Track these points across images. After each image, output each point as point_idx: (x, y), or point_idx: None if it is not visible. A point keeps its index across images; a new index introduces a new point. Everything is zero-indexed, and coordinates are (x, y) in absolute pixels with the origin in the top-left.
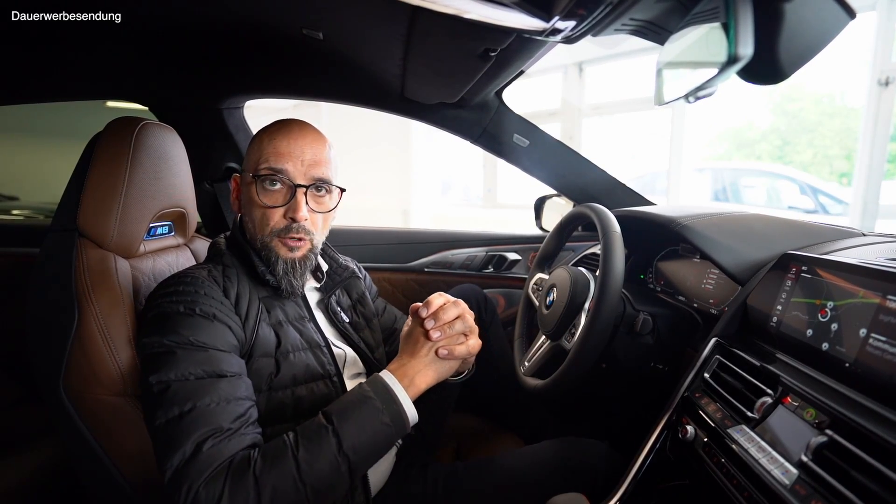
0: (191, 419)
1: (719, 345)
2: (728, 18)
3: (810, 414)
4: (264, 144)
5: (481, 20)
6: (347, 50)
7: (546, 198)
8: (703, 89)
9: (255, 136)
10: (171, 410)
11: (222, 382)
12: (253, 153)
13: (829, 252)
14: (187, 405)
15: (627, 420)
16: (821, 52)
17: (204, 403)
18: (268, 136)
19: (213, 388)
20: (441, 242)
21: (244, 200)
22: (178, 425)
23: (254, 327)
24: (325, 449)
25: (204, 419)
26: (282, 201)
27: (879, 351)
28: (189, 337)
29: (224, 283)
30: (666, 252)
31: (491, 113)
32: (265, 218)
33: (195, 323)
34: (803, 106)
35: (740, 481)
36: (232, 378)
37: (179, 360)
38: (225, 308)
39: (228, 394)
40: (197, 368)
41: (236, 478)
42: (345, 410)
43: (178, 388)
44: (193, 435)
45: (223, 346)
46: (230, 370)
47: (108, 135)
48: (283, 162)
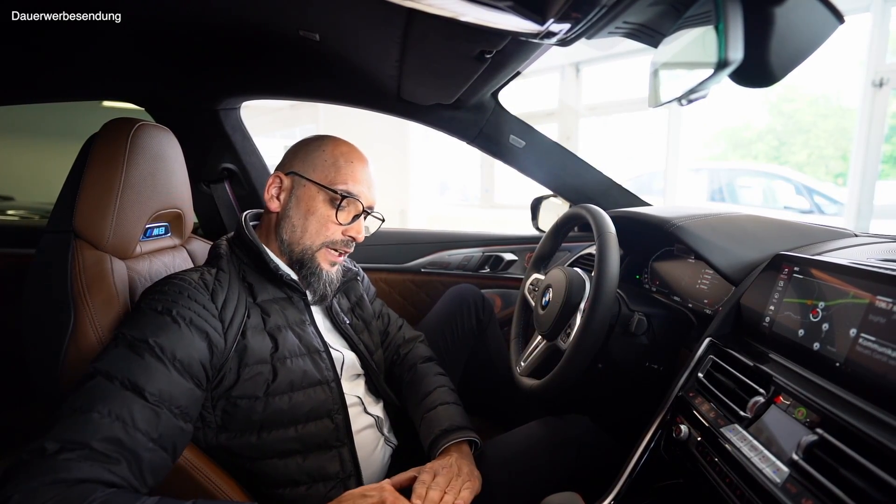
0: (83, 421)
1: (713, 345)
2: (719, 22)
3: (801, 413)
4: (341, 164)
5: (477, 23)
6: (344, 51)
7: (542, 198)
8: (696, 92)
9: (320, 146)
10: (79, 400)
11: (136, 404)
12: (326, 165)
13: (821, 252)
14: (97, 405)
15: (622, 419)
16: (811, 55)
17: (102, 412)
18: (343, 156)
19: (122, 403)
20: (438, 243)
21: (299, 203)
22: (69, 420)
23: (237, 334)
24: None
25: (93, 430)
26: (347, 220)
27: (869, 351)
28: (149, 337)
29: (214, 286)
30: (661, 252)
31: (487, 114)
32: (324, 229)
33: (163, 324)
34: (799, 107)
35: (733, 480)
36: (149, 406)
37: (121, 356)
38: (205, 313)
39: (130, 418)
40: (129, 374)
41: None
42: None
43: (96, 385)
44: (66, 434)
45: (182, 355)
46: (155, 395)
47: (104, 135)
48: (360, 188)
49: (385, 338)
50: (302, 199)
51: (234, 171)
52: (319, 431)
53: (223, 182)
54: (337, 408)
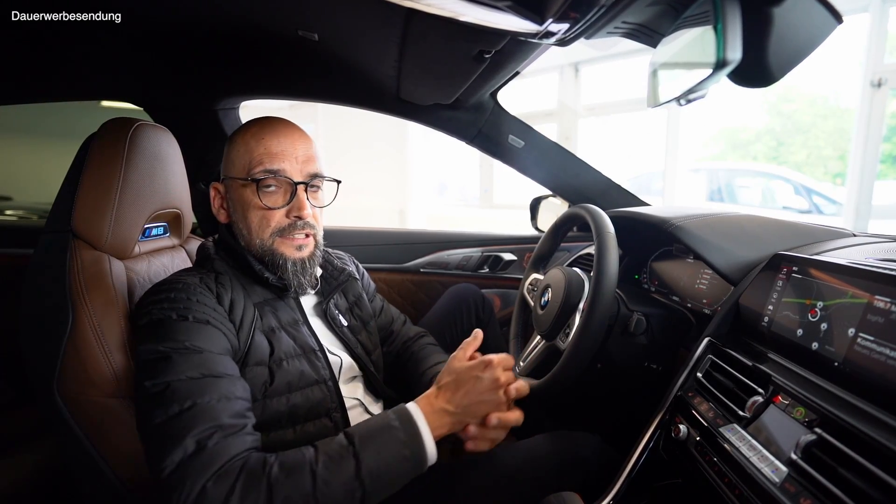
0: (191, 416)
1: (712, 344)
2: (717, 22)
3: (800, 412)
4: (252, 146)
5: (476, 23)
6: (343, 51)
7: (541, 198)
8: (695, 92)
9: (233, 137)
10: (171, 408)
11: (221, 381)
12: (239, 156)
13: (819, 252)
14: (187, 402)
15: (622, 419)
16: (809, 55)
17: (204, 401)
18: (253, 137)
19: (213, 387)
20: (437, 243)
21: (235, 206)
22: (177, 422)
23: (248, 335)
24: (344, 470)
25: (205, 416)
26: (283, 202)
27: (867, 350)
28: (185, 342)
29: (217, 289)
30: (660, 252)
31: (486, 114)
32: (265, 220)
33: (190, 328)
34: (798, 107)
35: (732, 480)
36: (231, 377)
37: (176, 364)
38: (218, 315)
39: (228, 392)
40: (194, 371)
41: (250, 479)
42: (367, 435)
43: (177, 387)
44: (194, 431)
45: (218, 349)
46: (227, 371)
47: (102, 135)
48: (278, 162)
49: (389, 335)
50: (235, 199)
51: None
52: (319, 431)
53: None
54: (335, 406)
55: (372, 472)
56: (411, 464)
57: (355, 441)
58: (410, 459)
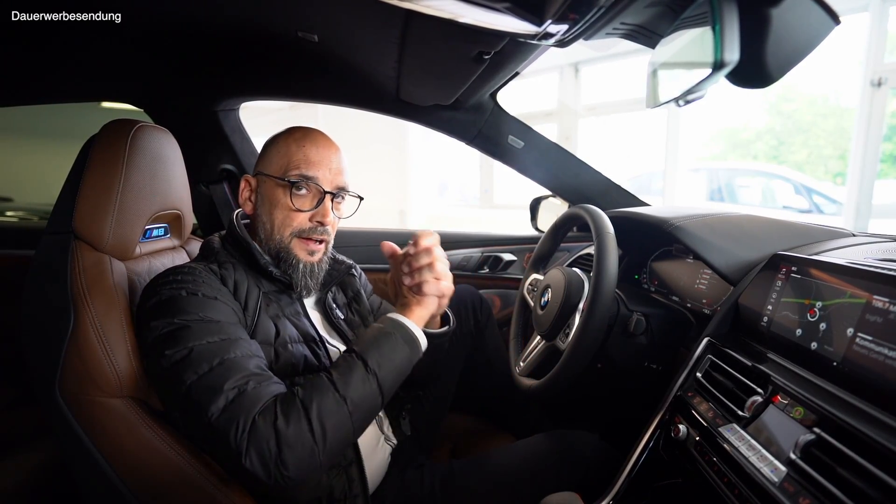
0: (223, 369)
1: (711, 344)
2: (716, 23)
3: (799, 412)
4: (293, 150)
5: (475, 24)
6: (342, 52)
7: (541, 199)
8: (694, 92)
9: (275, 139)
10: (201, 367)
11: (241, 342)
12: (279, 157)
13: (818, 252)
14: (215, 360)
15: (622, 419)
16: (807, 56)
17: (231, 356)
18: (295, 142)
19: (235, 346)
20: None
21: (263, 200)
22: (210, 377)
23: (254, 314)
24: (354, 370)
25: (236, 368)
26: (310, 206)
27: (866, 350)
28: (198, 313)
29: (221, 273)
30: (660, 252)
31: (486, 114)
32: (289, 219)
33: (201, 302)
34: (798, 106)
35: (731, 479)
36: (248, 340)
37: (195, 332)
38: (225, 294)
39: (250, 350)
40: (213, 336)
41: (285, 404)
42: (364, 341)
43: (201, 349)
44: (230, 381)
45: (231, 320)
46: (242, 336)
47: (103, 137)
48: (314, 169)
49: None
50: (266, 195)
51: (234, 172)
52: None
53: (222, 183)
54: None
55: (379, 363)
56: (409, 349)
57: (355, 349)
58: (407, 345)
